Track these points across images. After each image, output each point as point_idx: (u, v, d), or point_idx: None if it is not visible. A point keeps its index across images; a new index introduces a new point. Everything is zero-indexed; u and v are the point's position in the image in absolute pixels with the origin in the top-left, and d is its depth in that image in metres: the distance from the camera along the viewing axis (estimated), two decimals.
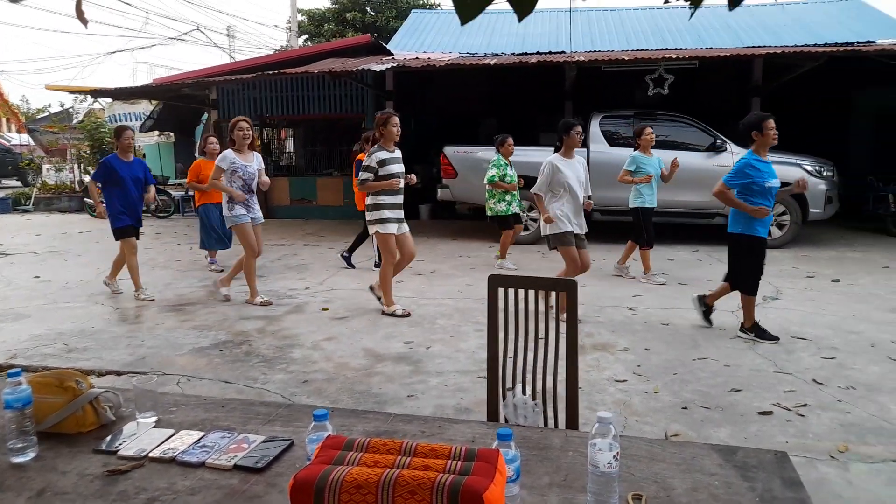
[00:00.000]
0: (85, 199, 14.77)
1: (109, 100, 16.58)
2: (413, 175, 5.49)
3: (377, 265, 6.93)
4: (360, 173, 5.28)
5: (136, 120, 17.75)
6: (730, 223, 4.71)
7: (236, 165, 5.68)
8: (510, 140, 7.47)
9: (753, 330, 4.67)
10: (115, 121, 17.86)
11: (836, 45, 10.02)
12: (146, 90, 12.86)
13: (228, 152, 5.71)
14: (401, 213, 5.36)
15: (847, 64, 10.69)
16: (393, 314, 5.39)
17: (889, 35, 11.83)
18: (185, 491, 1.32)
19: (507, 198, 7.48)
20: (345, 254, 7.80)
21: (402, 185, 5.31)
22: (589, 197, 5.45)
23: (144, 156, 18.06)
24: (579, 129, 5.26)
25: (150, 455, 1.46)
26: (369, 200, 5.32)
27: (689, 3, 1.25)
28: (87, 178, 16.86)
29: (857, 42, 10.56)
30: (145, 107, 17.26)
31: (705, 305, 5.05)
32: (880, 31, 12.33)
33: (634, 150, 6.78)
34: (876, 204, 10.28)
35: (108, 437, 1.55)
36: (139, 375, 3.99)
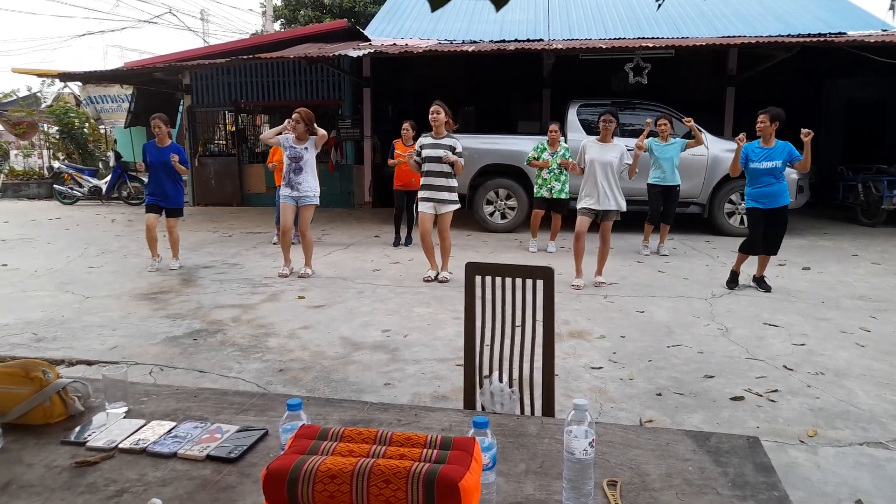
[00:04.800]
0: (55, 186, 14.45)
1: (80, 83, 16.17)
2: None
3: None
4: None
5: (112, 102, 17.36)
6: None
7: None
8: (552, 126, 7.69)
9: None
10: (91, 102, 17.43)
11: (808, 35, 10.14)
12: (117, 74, 12.57)
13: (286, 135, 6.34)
14: (436, 194, 5.97)
15: (819, 54, 10.86)
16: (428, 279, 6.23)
17: (860, 26, 12.02)
18: (156, 482, 1.29)
19: (539, 181, 7.73)
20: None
21: (430, 168, 5.95)
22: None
23: (116, 142, 17.70)
24: (607, 116, 5.81)
25: (120, 446, 1.43)
26: None
27: None
28: (56, 164, 16.49)
29: (829, 33, 10.71)
30: (118, 90, 16.87)
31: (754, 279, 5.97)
32: (851, 22, 12.52)
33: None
34: (846, 193, 10.49)
35: (77, 428, 1.52)
36: (110, 365, 3.92)
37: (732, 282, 5.94)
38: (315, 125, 6.31)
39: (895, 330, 4.64)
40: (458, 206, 6.11)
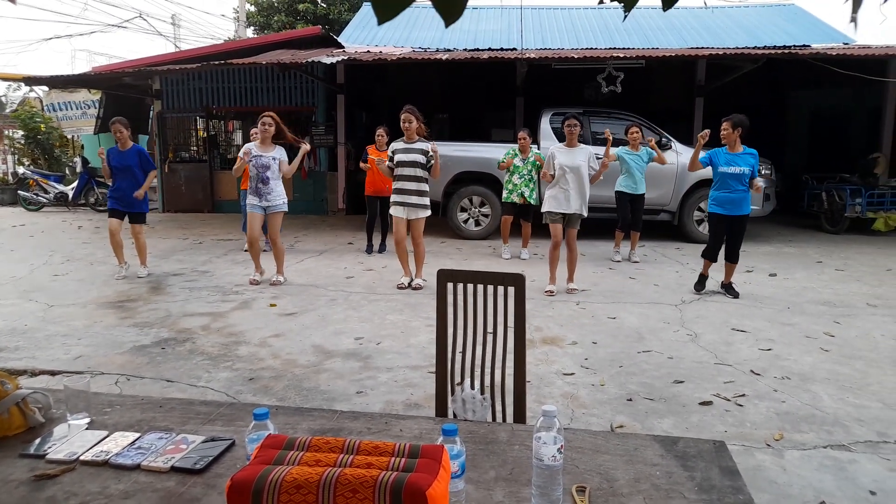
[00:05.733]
0: (19, 192, 14.10)
1: (45, 88, 15.83)
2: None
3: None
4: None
5: (77, 109, 17.00)
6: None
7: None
8: (521, 133, 7.82)
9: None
10: (54, 110, 17.06)
11: (774, 47, 10.41)
12: (84, 79, 12.33)
13: (248, 144, 6.41)
14: (407, 199, 6.00)
15: (784, 66, 11.14)
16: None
17: (823, 39, 12.38)
18: (118, 495, 1.26)
19: (509, 186, 7.82)
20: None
21: (402, 172, 5.99)
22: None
23: (83, 147, 17.34)
24: (571, 121, 5.88)
25: (82, 458, 1.39)
26: None
27: (622, 5, 1.25)
28: (21, 170, 16.08)
29: (794, 45, 11.01)
30: (84, 96, 16.54)
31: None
32: (815, 35, 12.89)
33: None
34: (810, 201, 10.74)
35: (37, 441, 1.47)
36: (73, 375, 3.83)
37: (700, 284, 6.07)
38: (288, 132, 6.31)
39: (858, 335, 4.75)
40: (429, 212, 6.13)
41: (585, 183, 5.86)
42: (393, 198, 6.09)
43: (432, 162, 5.95)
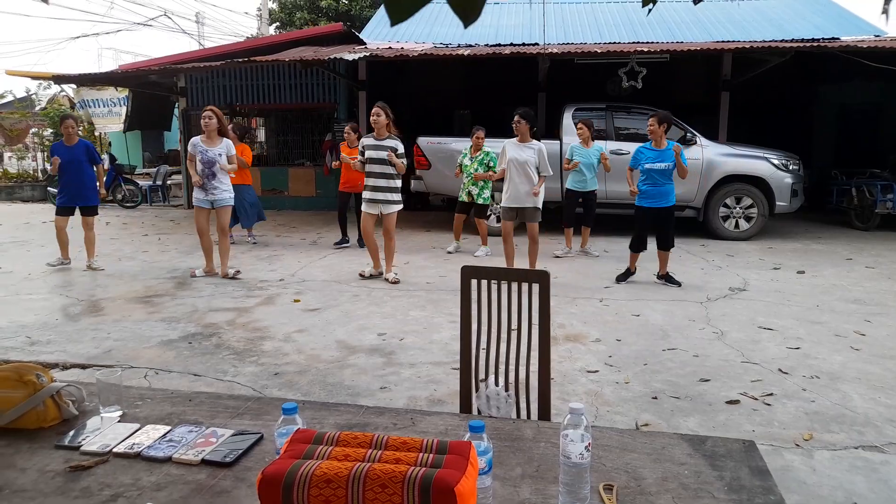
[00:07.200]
0: (49, 189, 14.38)
1: (74, 86, 16.12)
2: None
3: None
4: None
5: (104, 106, 17.30)
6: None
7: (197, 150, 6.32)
8: (477, 133, 7.88)
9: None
10: (85, 106, 17.37)
11: (802, 40, 10.20)
12: (111, 76, 12.53)
13: (194, 138, 6.31)
14: (378, 195, 6.08)
15: (813, 59, 10.92)
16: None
17: (852, 31, 12.10)
18: (150, 486, 1.29)
19: (462, 185, 7.98)
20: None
21: (372, 169, 6.07)
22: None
23: (111, 144, 17.63)
24: (517, 118, 6.10)
25: (115, 450, 1.42)
26: None
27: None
28: (49, 167, 16.39)
29: (823, 38, 10.77)
30: (112, 94, 16.82)
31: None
32: (844, 27, 12.60)
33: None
34: (839, 197, 10.54)
35: (71, 433, 1.51)
36: (104, 369, 3.90)
37: (622, 277, 6.32)
38: (228, 128, 6.48)
39: (889, 333, 4.66)
40: (400, 206, 6.20)
41: (532, 177, 5.98)
42: (364, 194, 6.19)
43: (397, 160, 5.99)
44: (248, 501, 1.22)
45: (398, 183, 6.14)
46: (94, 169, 6.95)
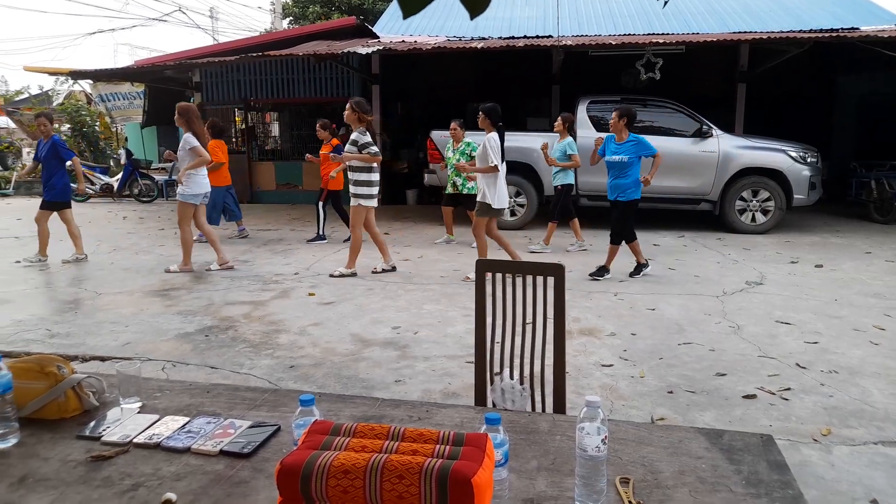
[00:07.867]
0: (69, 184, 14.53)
1: (91, 81, 16.29)
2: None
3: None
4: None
5: (123, 99, 17.49)
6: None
7: None
8: (452, 124, 7.89)
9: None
10: (104, 101, 17.56)
11: (820, 30, 10.04)
12: (127, 72, 12.63)
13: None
14: (351, 189, 6.15)
15: (831, 50, 10.75)
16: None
17: (872, 21, 11.89)
18: (170, 476, 1.30)
19: (448, 177, 8.06)
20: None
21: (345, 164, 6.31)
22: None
23: (127, 139, 17.79)
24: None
25: (135, 441, 1.44)
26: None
27: None
28: (67, 162, 16.58)
29: (842, 28, 10.60)
30: (129, 88, 16.99)
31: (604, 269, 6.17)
32: (863, 17, 12.40)
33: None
34: (859, 190, 10.39)
35: (92, 423, 1.53)
36: (123, 361, 3.95)
37: (598, 273, 6.15)
38: (196, 124, 6.51)
39: None
40: (365, 201, 6.08)
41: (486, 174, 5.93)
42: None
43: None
44: (266, 491, 1.23)
45: (361, 176, 6.03)
46: (69, 164, 7.25)
